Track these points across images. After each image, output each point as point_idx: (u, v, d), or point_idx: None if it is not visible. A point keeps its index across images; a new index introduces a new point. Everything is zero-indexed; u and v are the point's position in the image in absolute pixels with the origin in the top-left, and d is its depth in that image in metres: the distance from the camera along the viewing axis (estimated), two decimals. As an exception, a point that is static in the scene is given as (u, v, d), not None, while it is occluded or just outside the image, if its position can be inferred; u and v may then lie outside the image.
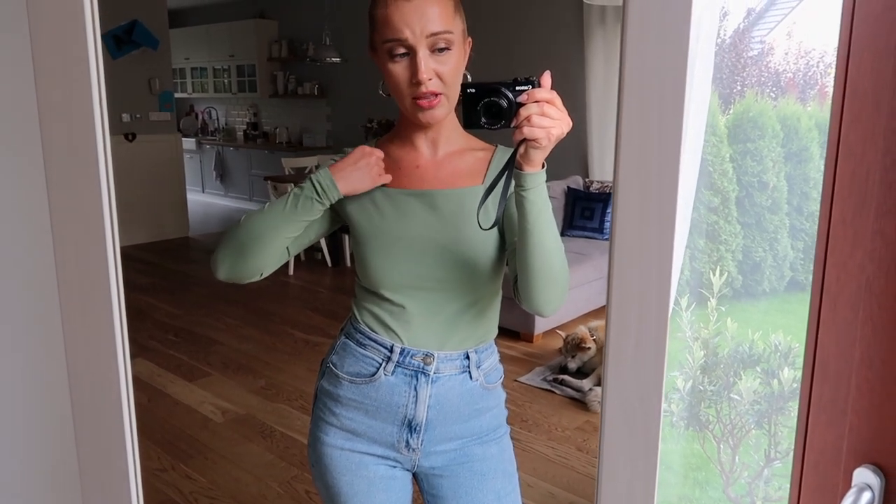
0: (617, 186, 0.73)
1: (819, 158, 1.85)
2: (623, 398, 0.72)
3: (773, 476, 1.51)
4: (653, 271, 0.70)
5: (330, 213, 1.21)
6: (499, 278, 1.21)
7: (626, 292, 0.73)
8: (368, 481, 1.24)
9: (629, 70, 0.72)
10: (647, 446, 0.72)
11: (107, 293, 1.16)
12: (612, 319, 0.74)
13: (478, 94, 0.99)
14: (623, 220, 0.73)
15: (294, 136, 8.54)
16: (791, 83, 1.98)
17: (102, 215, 1.11)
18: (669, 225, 0.69)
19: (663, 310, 0.69)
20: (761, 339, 1.51)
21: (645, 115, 0.73)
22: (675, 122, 0.67)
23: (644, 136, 0.72)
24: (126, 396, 1.21)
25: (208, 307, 4.90)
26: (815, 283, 0.72)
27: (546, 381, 3.60)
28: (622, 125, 0.72)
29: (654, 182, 0.70)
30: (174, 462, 2.86)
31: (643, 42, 0.72)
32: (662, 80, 0.71)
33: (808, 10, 1.91)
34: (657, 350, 0.71)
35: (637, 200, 0.72)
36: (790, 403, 1.45)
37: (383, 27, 1.06)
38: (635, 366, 0.71)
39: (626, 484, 0.74)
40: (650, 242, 0.70)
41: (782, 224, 1.87)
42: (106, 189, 1.10)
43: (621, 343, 0.74)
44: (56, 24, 1.10)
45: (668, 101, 0.70)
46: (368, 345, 1.20)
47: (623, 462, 0.73)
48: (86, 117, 1.07)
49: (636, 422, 0.72)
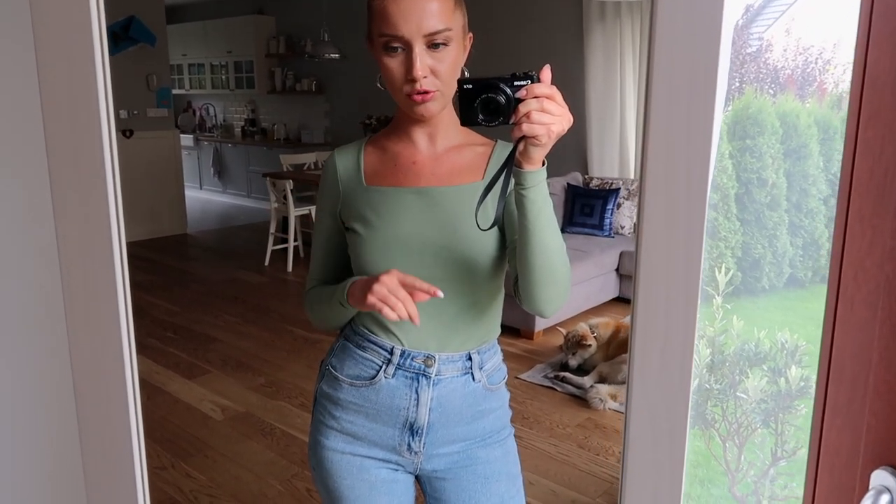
0: (644, 188, 0.72)
1: (818, 155, 1.83)
2: (649, 402, 0.71)
3: (778, 475, 1.50)
4: (680, 274, 0.69)
5: (339, 221, 1.20)
6: (500, 277, 1.19)
7: (654, 296, 0.71)
8: (370, 485, 1.22)
9: (658, 63, 0.70)
10: (672, 451, 0.71)
11: (112, 292, 1.15)
12: (637, 325, 0.73)
13: (475, 90, 0.96)
14: (650, 222, 0.71)
15: (292, 133, 8.51)
16: (790, 80, 1.96)
17: (108, 213, 1.09)
18: (698, 225, 0.67)
19: (691, 313, 0.68)
20: (767, 337, 1.49)
21: (674, 114, 0.71)
22: (707, 120, 0.66)
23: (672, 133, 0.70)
24: (133, 396, 1.20)
25: (207, 304, 4.88)
26: (831, 282, 0.70)
27: (547, 378, 3.59)
28: (650, 127, 0.70)
29: (683, 181, 0.68)
30: (174, 460, 2.84)
31: (673, 35, 0.70)
32: (693, 73, 0.69)
33: (807, 6, 1.90)
34: (684, 353, 0.70)
35: (664, 203, 0.71)
36: (797, 402, 1.44)
37: (380, 20, 1.04)
38: (661, 370, 0.70)
39: (652, 492, 0.73)
40: (678, 244, 0.68)
41: (781, 221, 1.86)
42: (112, 188, 1.08)
43: (647, 347, 0.72)
44: (60, 23, 1.08)
45: (698, 94, 0.69)
46: (368, 347, 1.18)
47: (648, 469, 0.72)
48: (91, 115, 1.06)
49: (661, 426, 0.70)
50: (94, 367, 1.28)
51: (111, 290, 1.17)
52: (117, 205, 1.12)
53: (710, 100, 0.67)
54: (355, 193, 1.17)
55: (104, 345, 1.23)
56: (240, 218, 8.24)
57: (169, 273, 5.80)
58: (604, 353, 3.66)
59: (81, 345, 1.26)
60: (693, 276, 0.70)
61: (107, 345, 1.22)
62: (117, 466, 1.31)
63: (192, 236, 7.21)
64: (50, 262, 1.31)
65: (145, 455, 1.33)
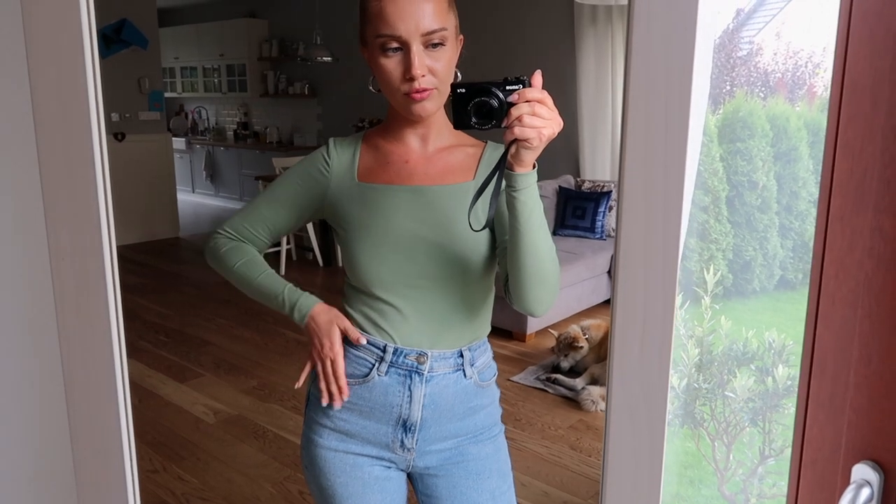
0: (622, 186, 0.73)
1: (808, 158, 1.85)
2: (628, 397, 0.72)
3: (767, 473, 1.52)
4: (658, 271, 0.70)
5: (312, 207, 1.21)
6: (491, 276, 1.20)
7: (632, 291, 0.72)
8: (363, 482, 1.23)
9: (635, 66, 0.72)
10: (651, 446, 0.72)
11: (103, 295, 1.15)
12: (617, 318, 0.74)
13: (468, 94, 0.98)
14: (629, 219, 0.73)
15: (285, 136, 8.51)
16: (780, 83, 1.98)
17: (99, 217, 1.10)
18: (675, 223, 0.68)
19: (669, 308, 0.69)
20: (755, 337, 1.51)
21: (651, 113, 0.72)
22: (682, 119, 0.67)
23: (650, 133, 0.72)
24: (123, 400, 1.20)
25: (199, 307, 4.87)
26: (812, 281, 0.72)
27: (539, 381, 3.61)
28: (628, 125, 0.72)
29: (660, 180, 0.70)
30: (166, 463, 2.84)
31: (649, 38, 0.72)
32: (668, 76, 0.71)
33: (797, 10, 1.92)
34: (662, 349, 0.71)
35: (642, 200, 0.72)
36: (784, 401, 1.46)
37: (377, 21, 1.05)
38: (641, 365, 0.71)
39: (631, 485, 0.74)
40: (656, 241, 0.70)
41: (772, 223, 1.88)
42: (102, 191, 1.09)
43: (626, 343, 0.74)
44: (50, 25, 1.09)
45: (674, 96, 0.70)
46: (361, 345, 1.19)
47: (628, 462, 0.73)
48: (82, 118, 1.06)
49: (641, 422, 0.71)
50: (84, 370, 1.28)
51: (101, 293, 1.18)
52: (108, 207, 1.13)
53: (686, 98, 0.69)
54: (347, 189, 1.18)
55: (95, 347, 1.23)
56: (232, 221, 8.22)
57: (161, 276, 5.79)
58: (595, 355, 3.68)
59: (73, 347, 1.26)
60: (670, 272, 0.71)
61: (98, 347, 1.22)
62: (108, 469, 1.31)
63: (184, 240, 7.19)
64: (41, 264, 1.32)
65: (136, 458, 1.33)
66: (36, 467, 1.46)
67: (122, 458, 1.28)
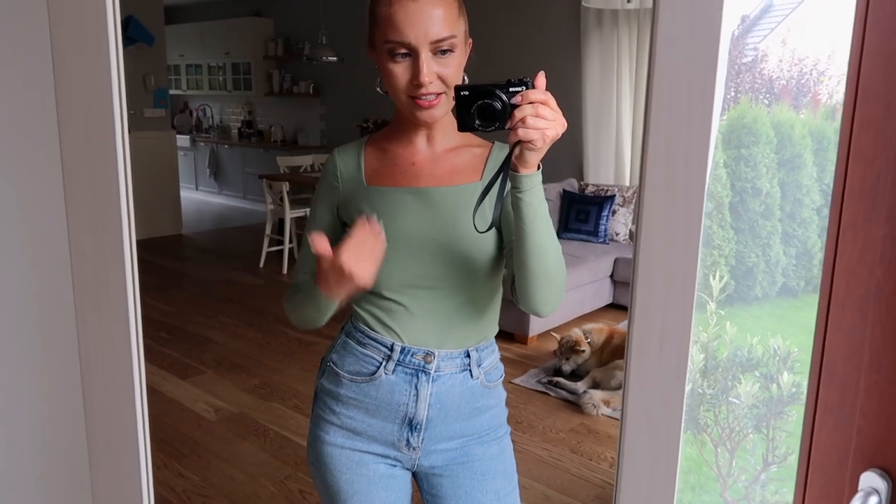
0: (643, 193, 0.73)
1: (812, 165, 1.85)
2: (646, 401, 0.72)
3: (769, 480, 1.51)
4: (679, 276, 0.70)
5: (337, 218, 1.21)
6: (498, 276, 1.20)
7: (651, 296, 0.72)
8: (368, 480, 1.23)
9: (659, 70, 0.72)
10: (668, 449, 0.72)
11: (123, 296, 1.16)
12: (635, 323, 0.74)
13: (471, 96, 0.98)
14: (649, 225, 0.73)
15: (289, 135, 8.52)
16: (784, 90, 1.98)
17: (119, 208, 1.11)
18: (696, 228, 0.69)
19: (687, 313, 0.69)
20: (760, 344, 1.51)
21: (674, 122, 0.72)
22: (704, 125, 0.67)
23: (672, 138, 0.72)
24: (140, 398, 1.21)
25: (201, 305, 4.88)
26: (823, 286, 0.72)
27: (540, 383, 3.60)
28: (650, 132, 0.72)
29: (681, 186, 0.70)
30: (167, 460, 2.84)
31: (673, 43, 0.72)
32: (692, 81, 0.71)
33: (802, 18, 1.92)
34: (680, 353, 0.71)
35: (664, 206, 0.72)
36: (788, 408, 1.46)
37: (386, 26, 1.05)
38: (659, 370, 0.71)
39: (647, 487, 0.74)
40: (676, 246, 0.70)
41: (775, 230, 1.87)
42: (124, 190, 1.09)
43: (644, 347, 0.74)
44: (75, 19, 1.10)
45: (696, 101, 0.70)
46: (368, 343, 1.20)
47: (644, 465, 0.73)
48: (105, 117, 1.07)
49: (658, 425, 0.71)
50: (103, 369, 1.29)
51: (121, 294, 1.19)
52: (129, 201, 1.14)
53: (709, 108, 0.69)
54: (356, 192, 1.19)
55: (114, 347, 1.24)
56: (235, 219, 8.24)
57: (164, 273, 5.79)
58: (597, 359, 3.68)
59: (91, 347, 1.27)
60: (689, 281, 0.72)
61: (116, 347, 1.23)
62: (123, 465, 1.32)
63: (187, 237, 7.20)
64: (61, 260, 1.33)
65: (150, 457, 1.35)
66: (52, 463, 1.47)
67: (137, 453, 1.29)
